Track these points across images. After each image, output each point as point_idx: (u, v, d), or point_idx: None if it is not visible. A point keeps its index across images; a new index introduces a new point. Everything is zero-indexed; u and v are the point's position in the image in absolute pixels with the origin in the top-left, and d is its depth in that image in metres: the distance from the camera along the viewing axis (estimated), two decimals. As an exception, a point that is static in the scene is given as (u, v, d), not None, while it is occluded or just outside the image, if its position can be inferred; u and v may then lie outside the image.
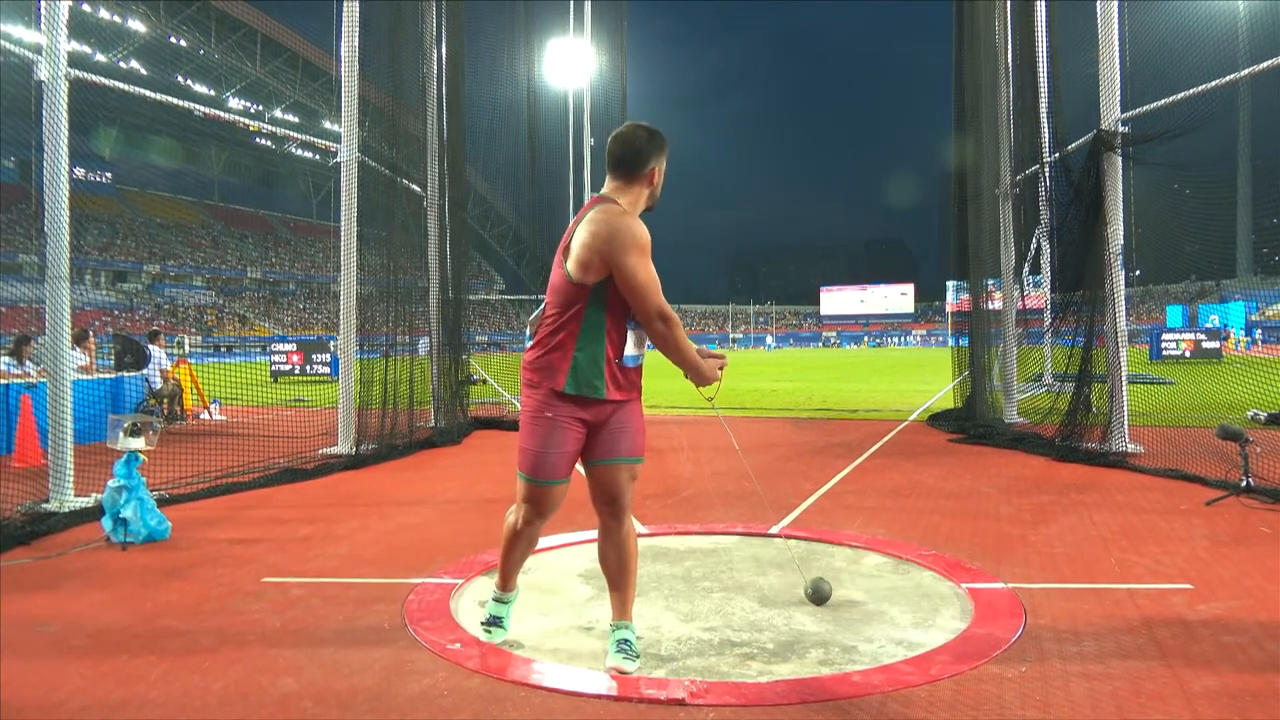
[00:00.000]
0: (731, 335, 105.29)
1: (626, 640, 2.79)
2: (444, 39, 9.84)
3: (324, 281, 74.07)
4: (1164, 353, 24.76)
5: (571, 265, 2.66)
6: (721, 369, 2.84)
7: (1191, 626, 3.05)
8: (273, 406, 11.76)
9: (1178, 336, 25.74)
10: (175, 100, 7.31)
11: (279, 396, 13.96)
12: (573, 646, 2.99)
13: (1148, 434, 7.39)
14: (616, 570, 2.85)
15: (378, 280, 8.90)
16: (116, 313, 53.03)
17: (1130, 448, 6.97)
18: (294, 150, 75.45)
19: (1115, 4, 7.07)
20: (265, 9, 56.96)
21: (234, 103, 61.81)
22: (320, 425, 9.05)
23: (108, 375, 10.46)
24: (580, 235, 2.66)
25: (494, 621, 3.05)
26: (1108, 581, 3.63)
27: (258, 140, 74.20)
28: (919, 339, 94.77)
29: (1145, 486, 5.81)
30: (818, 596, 3.35)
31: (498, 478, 6.78)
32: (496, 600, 3.08)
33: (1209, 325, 28.86)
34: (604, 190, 2.81)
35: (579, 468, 2.80)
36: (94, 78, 5.77)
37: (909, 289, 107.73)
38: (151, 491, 4.71)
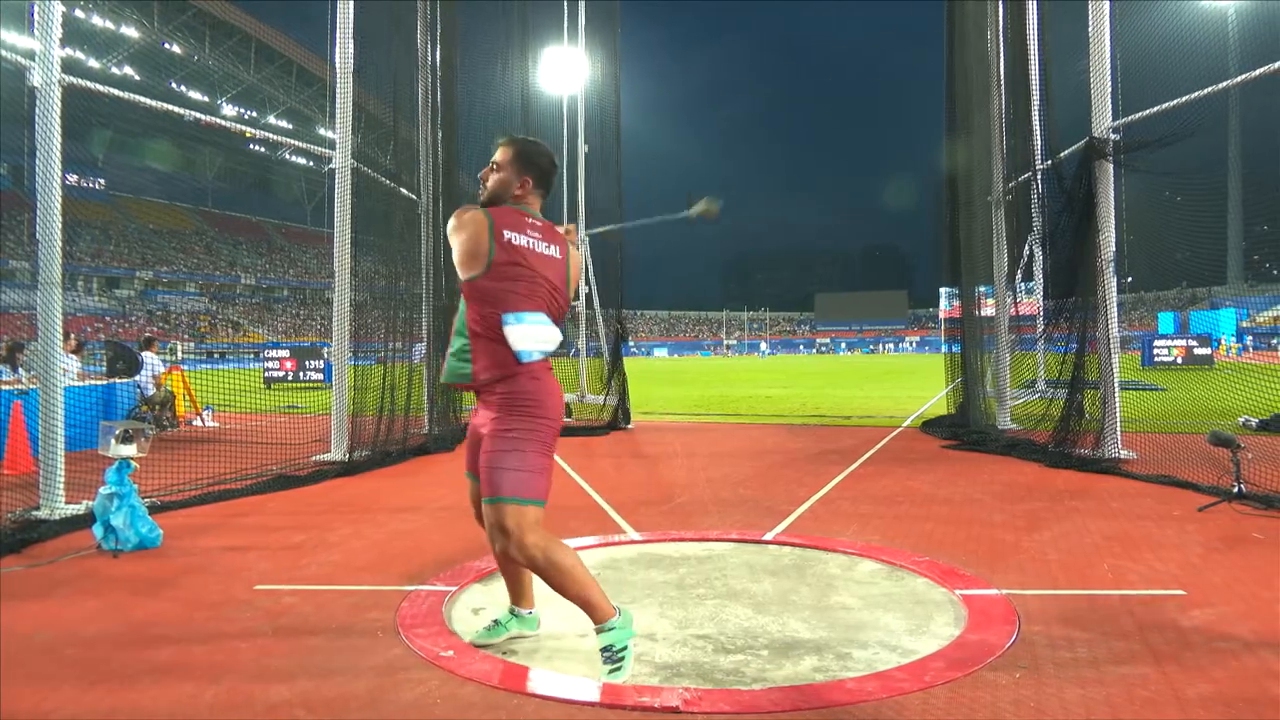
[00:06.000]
0: (726, 342, 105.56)
1: (607, 646, 2.71)
2: (438, 45, 9.86)
3: (318, 288, 73.98)
4: (1156, 359, 24.88)
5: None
6: None
7: (1185, 632, 3.06)
8: (266, 413, 11.69)
9: (1169, 343, 25.87)
10: (169, 106, 7.28)
11: (272, 403, 13.90)
12: (567, 654, 2.98)
13: (1140, 440, 7.41)
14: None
15: (372, 286, 8.89)
16: (109, 319, 52.86)
17: (1123, 454, 6.99)
18: (288, 156, 75.44)
19: (1106, 6, 7.10)
20: (259, 15, 57.04)
21: (228, 109, 61.82)
22: (313, 432, 9.01)
23: (100, 381, 10.41)
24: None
25: (493, 624, 3.11)
26: (1101, 588, 3.64)
27: (252, 146, 74.19)
28: (912, 345, 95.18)
29: (1138, 493, 5.82)
30: None
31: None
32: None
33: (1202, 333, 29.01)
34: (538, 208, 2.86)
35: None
36: (88, 84, 5.74)
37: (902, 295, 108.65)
38: (143, 498, 4.69)
